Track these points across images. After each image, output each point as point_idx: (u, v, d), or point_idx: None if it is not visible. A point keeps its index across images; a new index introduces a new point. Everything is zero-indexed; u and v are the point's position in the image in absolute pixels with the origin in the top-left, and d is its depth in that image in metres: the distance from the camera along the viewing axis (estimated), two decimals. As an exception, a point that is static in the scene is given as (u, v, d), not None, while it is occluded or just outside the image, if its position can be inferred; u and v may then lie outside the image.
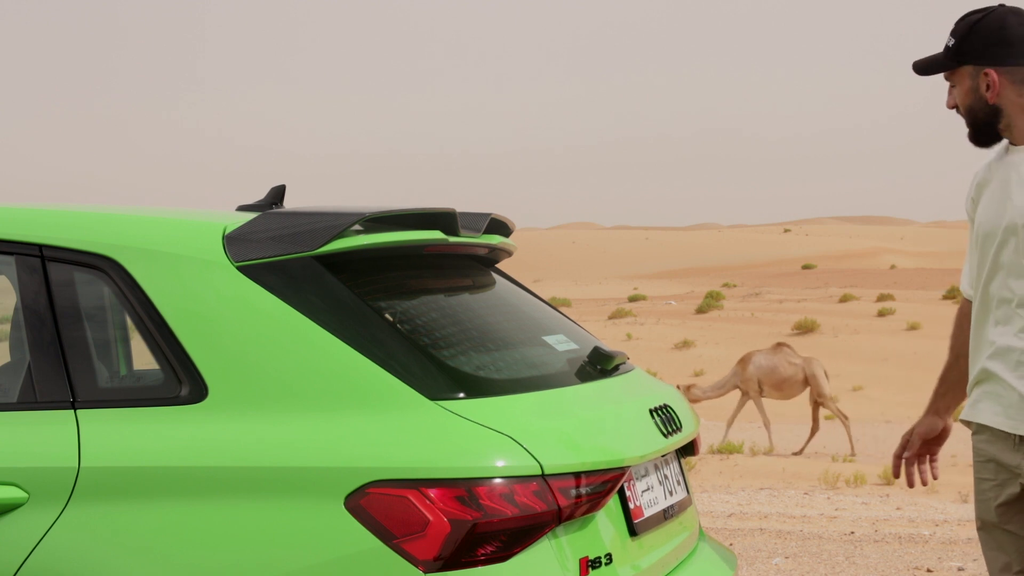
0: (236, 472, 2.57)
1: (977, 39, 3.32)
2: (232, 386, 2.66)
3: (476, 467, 2.53)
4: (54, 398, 2.76)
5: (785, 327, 37.81)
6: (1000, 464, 3.31)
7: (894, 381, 28.99)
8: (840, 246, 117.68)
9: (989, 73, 3.31)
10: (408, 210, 3.00)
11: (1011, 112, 3.32)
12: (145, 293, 2.77)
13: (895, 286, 56.70)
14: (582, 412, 2.90)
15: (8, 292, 3.07)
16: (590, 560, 2.68)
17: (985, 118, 3.35)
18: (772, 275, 79.50)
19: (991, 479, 3.36)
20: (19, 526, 2.64)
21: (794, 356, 18.55)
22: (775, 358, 18.34)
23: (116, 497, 2.61)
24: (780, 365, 18.19)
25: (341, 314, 2.71)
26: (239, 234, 2.82)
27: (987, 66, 3.31)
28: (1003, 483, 3.32)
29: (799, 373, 18.16)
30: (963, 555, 7.66)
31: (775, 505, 10.29)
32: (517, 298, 3.45)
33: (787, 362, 18.26)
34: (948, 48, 3.39)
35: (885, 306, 42.53)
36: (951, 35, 3.39)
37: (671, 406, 3.27)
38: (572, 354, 3.19)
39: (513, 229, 3.61)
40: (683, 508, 3.29)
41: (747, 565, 7.41)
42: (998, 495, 3.34)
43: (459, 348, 2.88)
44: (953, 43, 3.37)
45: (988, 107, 3.33)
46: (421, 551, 2.49)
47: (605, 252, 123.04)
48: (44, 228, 2.90)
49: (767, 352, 18.68)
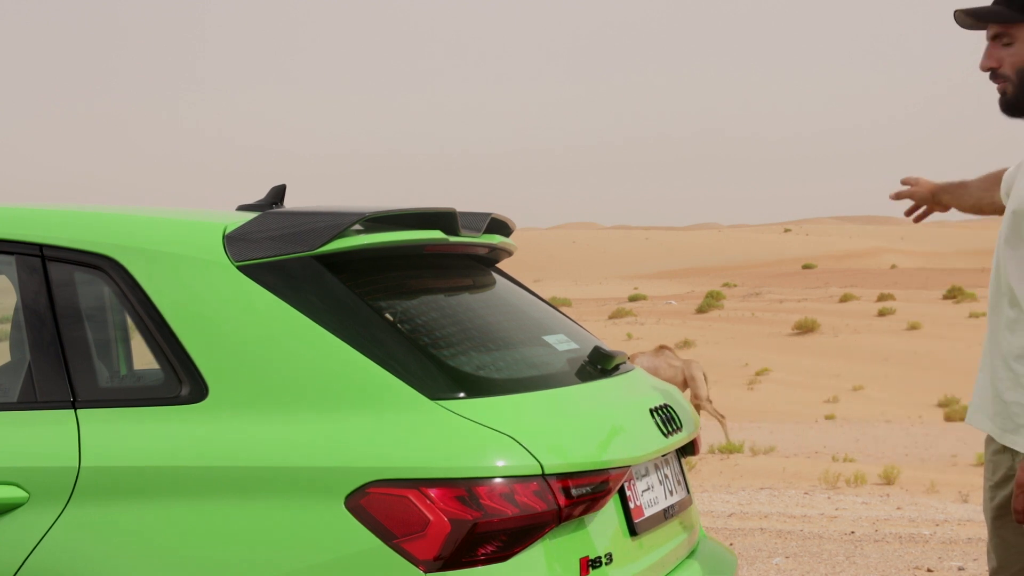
0: (236, 472, 2.57)
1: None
2: (232, 386, 2.66)
3: (476, 467, 2.53)
4: (54, 398, 2.76)
5: (785, 327, 37.82)
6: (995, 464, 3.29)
7: (894, 381, 29.00)
8: (840, 246, 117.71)
9: None
10: (408, 210, 3.00)
11: None
12: (145, 293, 2.77)
13: (895, 286, 56.71)
14: (582, 412, 2.90)
15: (8, 292, 3.07)
16: (590, 560, 2.68)
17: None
18: (772, 275, 79.52)
19: (988, 479, 3.34)
20: (19, 526, 2.64)
21: (674, 359, 19.37)
22: (656, 360, 19.11)
23: (116, 497, 2.61)
24: (661, 367, 18.86)
25: (341, 314, 2.71)
26: (239, 234, 2.82)
27: None
28: (998, 484, 3.30)
29: (679, 375, 18.89)
30: (964, 555, 7.66)
31: (775, 505, 10.29)
32: (517, 298, 3.45)
33: (667, 364, 19.06)
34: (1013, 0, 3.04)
35: (885, 306, 42.54)
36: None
37: (671, 406, 3.27)
38: (572, 354, 3.19)
39: (513, 229, 3.61)
40: (683, 508, 3.29)
41: (747, 565, 7.41)
42: (993, 496, 3.32)
43: (459, 348, 2.88)
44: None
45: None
46: (421, 551, 2.49)
47: (605, 252, 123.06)
48: (44, 228, 2.90)
49: (649, 354, 19.55)
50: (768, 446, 16.92)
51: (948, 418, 22.58)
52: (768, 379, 28.96)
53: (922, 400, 25.51)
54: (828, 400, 25.42)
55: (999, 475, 3.27)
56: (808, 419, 20.65)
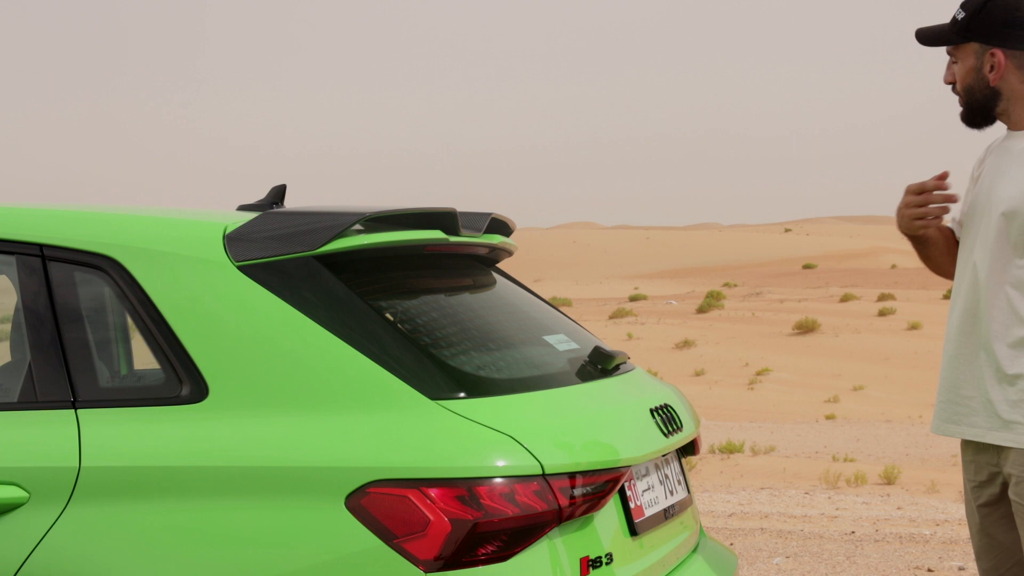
0: (237, 472, 2.57)
1: (989, 17, 3.15)
2: (233, 386, 2.66)
3: (477, 467, 2.53)
4: (55, 398, 2.76)
5: (786, 327, 37.80)
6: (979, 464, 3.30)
7: (894, 381, 28.99)
8: (841, 246, 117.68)
9: (996, 54, 3.16)
10: (409, 210, 3.00)
11: (1011, 97, 3.18)
12: (146, 293, 2.77)
13: (896, 286, 56.69)
14: (583, 412, 2.90)
15: (8, 292, 3.07)
16: (590, 560, 2.68)
17: (983, 100, 3.21)
18: (773, 275, 79.51)
19: (971, 479, 3.34)
20: (20, 526, 2.64)
21: None
22: None
23: (117, 497, 2.61)
24: None
25: (342, 314, 2.71)
26: (240, 234, 2.82)
27: (995, 47, 3.15)
28: (982, 484, 3.31)
29: None
30: (964, 555, 7.65)
31: (776, 505, 10.28)
32: (518, 298, 3.45)
33: None
34: (957, 21, 3.21)
35: (886, 306, 42.52)
36: (961, 7, 3.21)
37: (672, 406, 3.27)
38: (573, 354, 3.18)
39: (514, 229, 3.61)
40: (683, 508, 3.29)
41: (748, 565, 7.41)
42: (979, 496, 3.33)
43: (460, 348, 2.88)
44: (963, 17, 3.19)
45: (988, 89, 3.19)
46: (422, 551, 2.49)
47: (605, 252, 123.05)
48: (44, 228, 2.90)
49: None
50: (768, 446, 16.91)
51: (948, 418, 22.51)
52: (768, 379, 28.94)
53: (922, 400, 25.49)
54: (828, 400, 25.40)
55: (984, 474, 3.28)
56: (808, 419, 20.63)
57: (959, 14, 3.21)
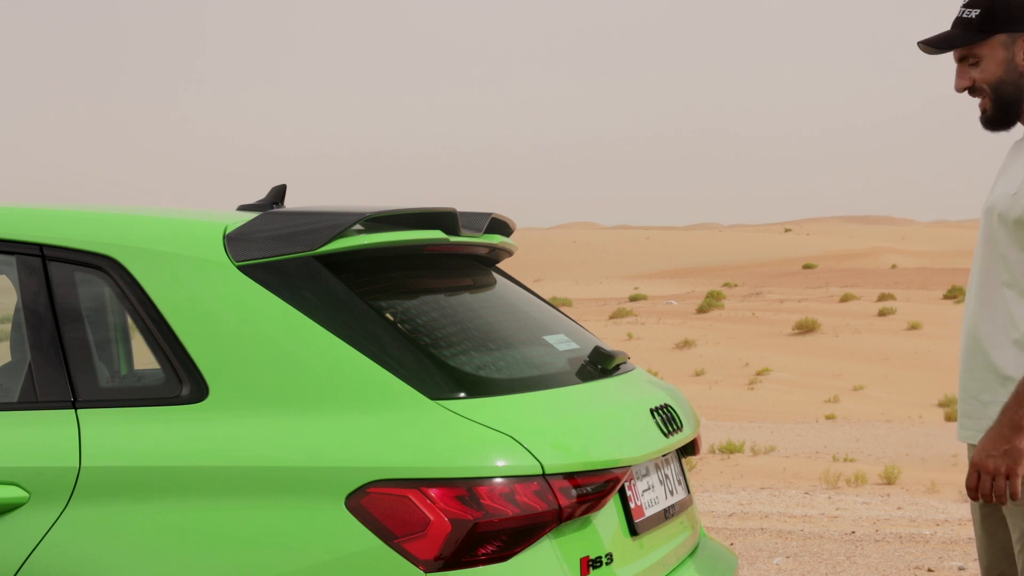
0: (237, 472, 2.57)
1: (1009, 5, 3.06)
2: (233, 386, 2.66)
3: (477, 467, 2.53)
4: (55, 398, 2.76)
5: (786, 327, 37.81)
6: None
7: (895, 381, 29.00)
8: (841, 246, 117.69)
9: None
10: (409, 210, 3.00)
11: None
12: (146, 293, 2.77)
13: (896, 286, 56.72)
14: (583, 412, 2.90)
15: (8, 292, 3.07)
16: (590, 560, 2.68)
17: (1015, 93, 3.11)
18: (773, 275, 79.52)
19: None
20: (20, 526, 2.64)
21: None
22: None
23: (117, 497, 2.61)
24: None
25: (342, 314, 2.71)
26: (240, 234, 2.82)
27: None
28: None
29: None
30: (964, 555, 7.65)
31: (776, 505, 10.28)
32: (518, 298, 3.45)
33: None
34: (969, 20, 3.13)
35: (886, 306, 42.54)
36: (969, 6, 3.14)
37: (672, 406, 3.27)
38: (573, 354, 3.19)
39: (514, 229, 3.61)
40: (684, 508, 3.29)
41: (748, 565, 7.41)
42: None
43: (460, 348, 2.88)
44: (977, 13, 3.11)
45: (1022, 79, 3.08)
46: (422, 551, 2.49)
47: (605, 252, 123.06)
48: (45, 228, 2.90)
49: None
50: (768, 446, 16.92)
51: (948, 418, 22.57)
52: (768, 379, 28.94)
53: (922, 400, 25.51)
54: (828, 400, 25.40)
55: None
56: (808, 419, 20.64)
57: (969, 12, 3.14)
